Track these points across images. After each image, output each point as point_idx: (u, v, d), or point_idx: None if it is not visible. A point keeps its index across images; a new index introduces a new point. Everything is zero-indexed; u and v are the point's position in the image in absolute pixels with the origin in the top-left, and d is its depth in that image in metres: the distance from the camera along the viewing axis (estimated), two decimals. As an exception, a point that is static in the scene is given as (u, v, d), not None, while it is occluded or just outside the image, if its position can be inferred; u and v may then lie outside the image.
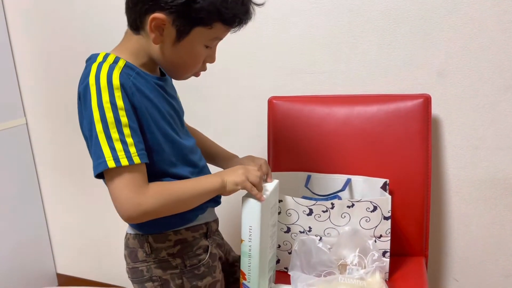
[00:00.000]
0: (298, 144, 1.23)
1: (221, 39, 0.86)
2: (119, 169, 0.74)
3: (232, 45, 1.36)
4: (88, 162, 1.81)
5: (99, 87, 0.75)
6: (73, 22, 1.60)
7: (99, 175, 0.77)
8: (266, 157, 1.29)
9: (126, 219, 0.77)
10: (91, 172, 0.79)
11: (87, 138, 0.78)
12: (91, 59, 0.82)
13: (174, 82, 1.04)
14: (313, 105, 1.23)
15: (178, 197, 0.81)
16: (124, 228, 1.68)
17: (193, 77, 1.39)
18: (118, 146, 0.74)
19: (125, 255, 0.93)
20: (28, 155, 1.83)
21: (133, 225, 0.89)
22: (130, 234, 0.90)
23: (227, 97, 1.43)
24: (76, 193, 1.82)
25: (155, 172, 0.82)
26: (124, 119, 0.75)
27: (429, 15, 1.15)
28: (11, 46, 1.73)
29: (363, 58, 1.24)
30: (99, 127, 0.74)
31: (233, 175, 0.86)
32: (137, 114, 0.78)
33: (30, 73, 1.75)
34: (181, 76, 0.89)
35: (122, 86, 0.76)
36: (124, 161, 0.74)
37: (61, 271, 1.99)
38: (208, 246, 0.93)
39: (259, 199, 0.87)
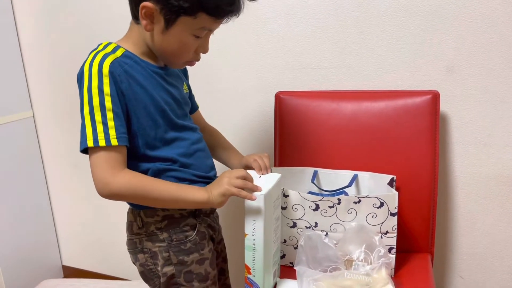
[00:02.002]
0: (305, 139, 1.22)
1: (211, 30, 0.88)
2: (97, 149, 0.81)
3: (239, 39, 1.37)
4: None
5: (91, 73, 0.81)
6: (80, 16, 1.60)
7: (85, 152, 0.84)
8: (272, 152, 1.29)
9: (98, 194, 0.84)
10: None
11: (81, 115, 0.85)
12: (94, 48, 0.88)
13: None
14: (320, 101, 1.22)
15: (147, 194, 0.85)
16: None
17: (199, 71, 1.40)
18: (100, 128, 0.80)
19: (126, 228, 0.98)
20: (35, 147, 1.84)
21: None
22: (129, 208, 0.96)
23: (234, 91, 1.42)
24: (82, 185, 1.83)
25: (138, 154, 0.88)
26: (108, 104, 0.81)
27: (438, 11, 1.14)
28: (18, 40, 1.74)
29: (371, 54, 1.23)
30: (86, 109, 0.81)
31: (217, 187, 0.89)
32: (124, 99, 0.84)
33: (37, 67, 1.75)
34: (173, 64, 0.93)
35: (111, 74, 0.81)
36: (102, 142, 0.80)
37: (66, 263, 2.01)
38: (196, 224, 0.96)
39: (249, 199, 0.89)
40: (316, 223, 1.06)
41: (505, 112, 1.15)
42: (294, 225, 1.09)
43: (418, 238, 1.17)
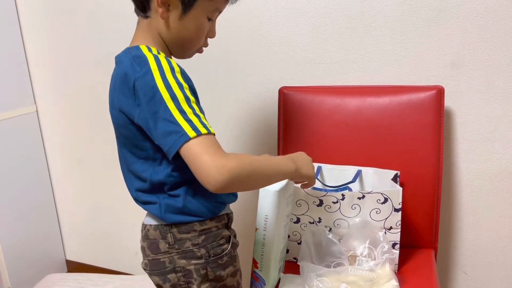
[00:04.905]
0: (309, 134, 1.22)
1: (221, 11, 0.89)
2: (197, 139, 0.72)
3: (243, 34, 1.36)
4: (98, 149, 1.81)
5: (163, 70, 0.77)
6: (83, 12, 1.60)
7: (176, 156, 0.75)
8: (276, 147, 1.29)
9: (212, 185, 0.71)
10: (100, 159, 0.80)
11: (152, 121, 0.76)
12: (130, 53, 0.82)
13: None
14: (324, 96, 1.22)
15: (258, 168, 0.77)
16: (133, 215, 1.70)
17: (203, 66, 1.39)
18: (193, 118, 0.74)
19: (143, 248, 0.91)
20: (38, 142, 1.85)
21: (158, 215, 0.87)
22: (150, 225, 0.89)
23: (237, 87, 1.42)
24: (85, 180, 1.83)
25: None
26: (191, 97, 0.77)
27: (444, 5, 1.13)
28: (22, 36, 1.74)
29: (376, 49, 1.22)
30: (171, 105, 0.74)
31: (306, 167, 0.88)
32: (196, 96, 0.82)
33: (40, 62, 1.75)
34: (187, 52, 0.91)
35: (181, 71, 0.80)
36: (203, 130, 0.73)
37: (70, 257, 2.02)
38: (230, 236, 0.92)
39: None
40: (320, 218, 1.06)
41: (510, 108, 1.15)
42: (298, 221, 1.09)
43: (422, 233, 1.17)
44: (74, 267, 2.01)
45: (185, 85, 0.77)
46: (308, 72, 1.31)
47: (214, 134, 0.75)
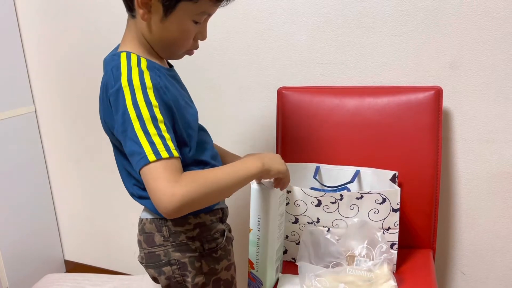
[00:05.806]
0: (307, 135, 1.22)
1: (210, 14, 0.85)
2: (155, 164, 0.73)
3: (242, 34, 1.36)
4: (97, 149, 1.81)
5: (133, 88, 0.75)
6: (82, 12, 1.60)
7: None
8: (275, 148, 1.29)
9: (164, 213, 0.73)
10: (98, 159, 0.80)
11: (122, 138, 0.78)
12: (113, 61, 0.81)
13: (182, 73, 1.04)
14: (323, 96, 1.22)
15: (214, 184, 0.77)
16: (131, 215, 1.70)
17: (201, 67, 1.39)
18: (157, 140, 0.74)
19: (139, 241, 0.92)
20: (37, 142, 1.84)
21: (153, 209, 0.87)
22: (146, 219, 0.90)
23: (236, 87, 1.42)
24: (84, 180, 1.83)
25: (186, 163, 0.84)
26: (159, 116, 0.75)
27: (442, 6, 1.14)
28: (20, 36, 1.74)
29: (374, 49, 1.23)
30: (136, 125, 0.74)
31: (277, 163, 0.88)
32: (170, 111, 0.80)
33: (39, 61, 1.75)
34: (173, 54, 0.88)
35: (155, 87, 0.77)
36: (164, 154, 0.73)
37: (68, 257, 2.01)
38: (224, 230, 0.93)
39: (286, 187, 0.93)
40: (318, 218, 1.06)
41: (508, 108, 1.15)
42: (296, 221, 1.09)
43: (420, 234, 1.17)
44: (73, 267, 2.00)
45: (154, 103, 0.75)
46: (307, 72, 1.31)
47: (177, 157, 0.75)
